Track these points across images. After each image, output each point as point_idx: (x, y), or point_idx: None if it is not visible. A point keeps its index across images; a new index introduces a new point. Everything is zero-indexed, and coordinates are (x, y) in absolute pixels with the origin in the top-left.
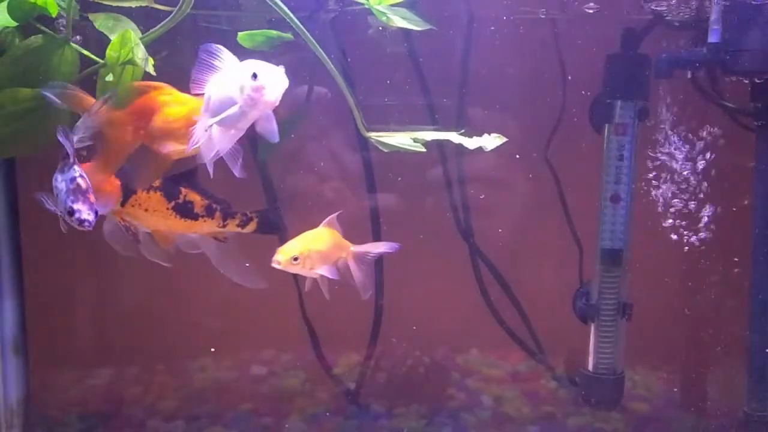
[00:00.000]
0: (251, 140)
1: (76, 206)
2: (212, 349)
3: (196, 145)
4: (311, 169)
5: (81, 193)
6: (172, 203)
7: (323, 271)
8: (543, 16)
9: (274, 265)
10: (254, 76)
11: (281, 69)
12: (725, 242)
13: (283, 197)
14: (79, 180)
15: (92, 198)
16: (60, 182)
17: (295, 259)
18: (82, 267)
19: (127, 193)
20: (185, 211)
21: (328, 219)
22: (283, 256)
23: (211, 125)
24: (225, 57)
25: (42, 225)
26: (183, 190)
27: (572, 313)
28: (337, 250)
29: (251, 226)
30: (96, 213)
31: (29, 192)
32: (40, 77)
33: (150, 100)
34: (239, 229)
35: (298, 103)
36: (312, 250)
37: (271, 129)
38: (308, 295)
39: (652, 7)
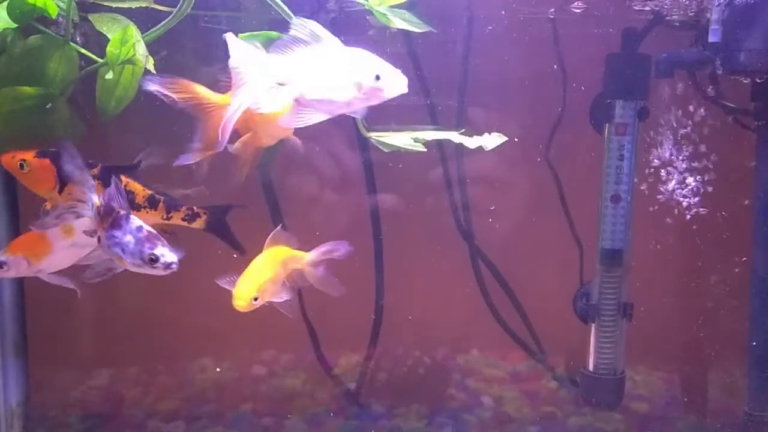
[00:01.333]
0: None
1: (158, 251)
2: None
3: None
4: (311, 169)
5: (155, 237)
6: None
7: (282, 297)
8: (552, 17)
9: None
10: (377, 77)
11: (400, 73)
12: (726, 242)
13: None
14: (146, 227)
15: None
16: (124, 236)
17: (256, 298)
18: (81, 267)
19: (64, 180)
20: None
21: (271, 237)
22: (243, 301)
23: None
24: (323, 36)
25: None
26: (124, 179)
27: (573, 314)
28: (290, 265)
29: (199, 223)
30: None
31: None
32: (40, 77)
33: None
34: (185, 224)
35: None
36: (266, 281)
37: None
38: (308, 295)
39: (636, 7)
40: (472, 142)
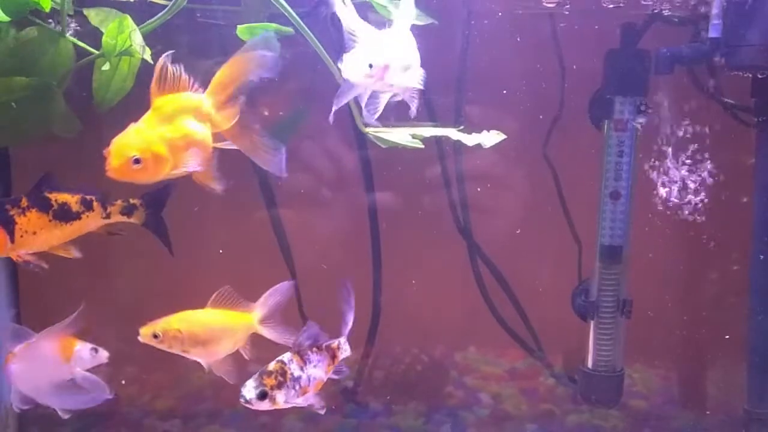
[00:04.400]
0: None
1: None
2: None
3: None
4: (308, 165)
5: (268, 375)
6: (50, 213)
7: (204, 359)
8: (566, 13)
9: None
10: (370, 66)
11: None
12: (725, 239)
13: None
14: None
15: None
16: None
17: (155, 336)
18: (77, 265)
19: (8, 228)
20: (65, 214)
21: (215, 296)
22: (143, 330)
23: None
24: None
25: None
26: (50, 195)
27: (571, 311)
28: (233, 330)
29: (138, 216)
30: None
31: (24, 190)
32: (36, 68)
33: None
34: (125, 218)
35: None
36: (180, 330)
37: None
38: (306, 292)
39: (609, 6)
40: (470, 140)
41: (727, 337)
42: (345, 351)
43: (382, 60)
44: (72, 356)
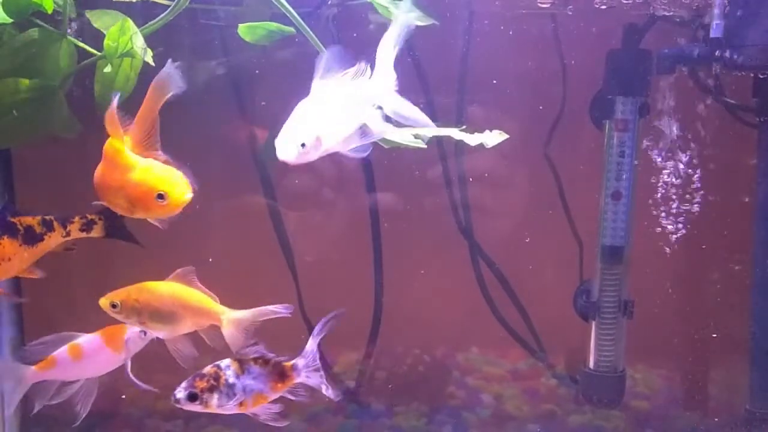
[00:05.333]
0: (250, 140)
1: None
2: None
3: None
4: (310, 165)
5: (201, 378)
6: (19, 237)
7: (161, 333)
8: (570, 14)
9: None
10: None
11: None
12: (727, 239)
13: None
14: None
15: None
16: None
17: (114, 305)
18: (79, 265)
19: None
20: (31, 237)
21: (177, 273)
22: (102, 299)
23: None
24: None
25: None
26: (15, 219)
27: (573, 311)
28: (193, 310)
29: (97, 230)
30: None
31: (26, 190)
32: (38, 70)
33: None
34: (85, 234)
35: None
36: (138, 300)
37: None
38: (307, 292)
39: (602, 6)
40: (472, 139)
41: (729, 337)
42: (308, 378)
43: (312, 136)
44: (123, 347)
